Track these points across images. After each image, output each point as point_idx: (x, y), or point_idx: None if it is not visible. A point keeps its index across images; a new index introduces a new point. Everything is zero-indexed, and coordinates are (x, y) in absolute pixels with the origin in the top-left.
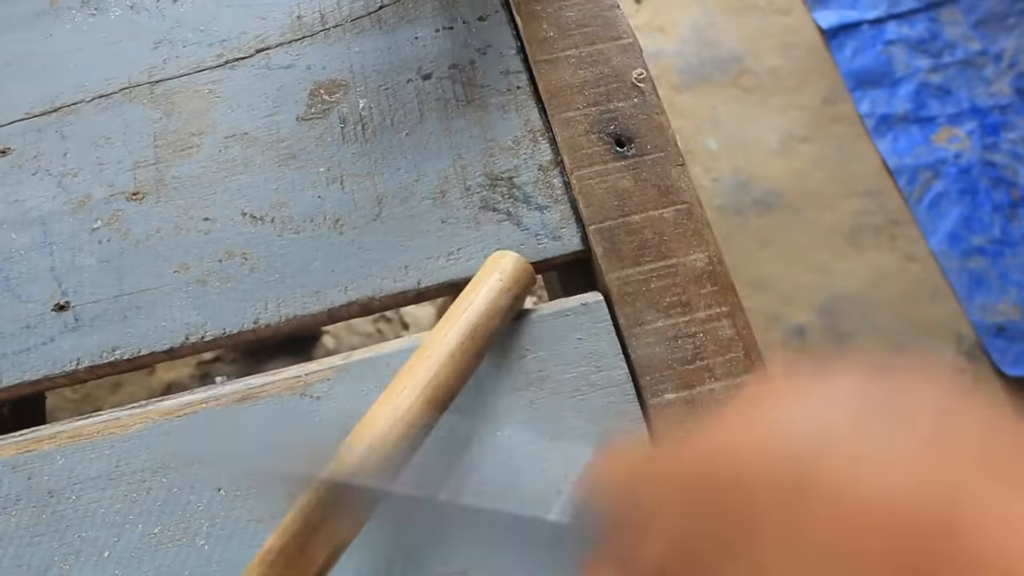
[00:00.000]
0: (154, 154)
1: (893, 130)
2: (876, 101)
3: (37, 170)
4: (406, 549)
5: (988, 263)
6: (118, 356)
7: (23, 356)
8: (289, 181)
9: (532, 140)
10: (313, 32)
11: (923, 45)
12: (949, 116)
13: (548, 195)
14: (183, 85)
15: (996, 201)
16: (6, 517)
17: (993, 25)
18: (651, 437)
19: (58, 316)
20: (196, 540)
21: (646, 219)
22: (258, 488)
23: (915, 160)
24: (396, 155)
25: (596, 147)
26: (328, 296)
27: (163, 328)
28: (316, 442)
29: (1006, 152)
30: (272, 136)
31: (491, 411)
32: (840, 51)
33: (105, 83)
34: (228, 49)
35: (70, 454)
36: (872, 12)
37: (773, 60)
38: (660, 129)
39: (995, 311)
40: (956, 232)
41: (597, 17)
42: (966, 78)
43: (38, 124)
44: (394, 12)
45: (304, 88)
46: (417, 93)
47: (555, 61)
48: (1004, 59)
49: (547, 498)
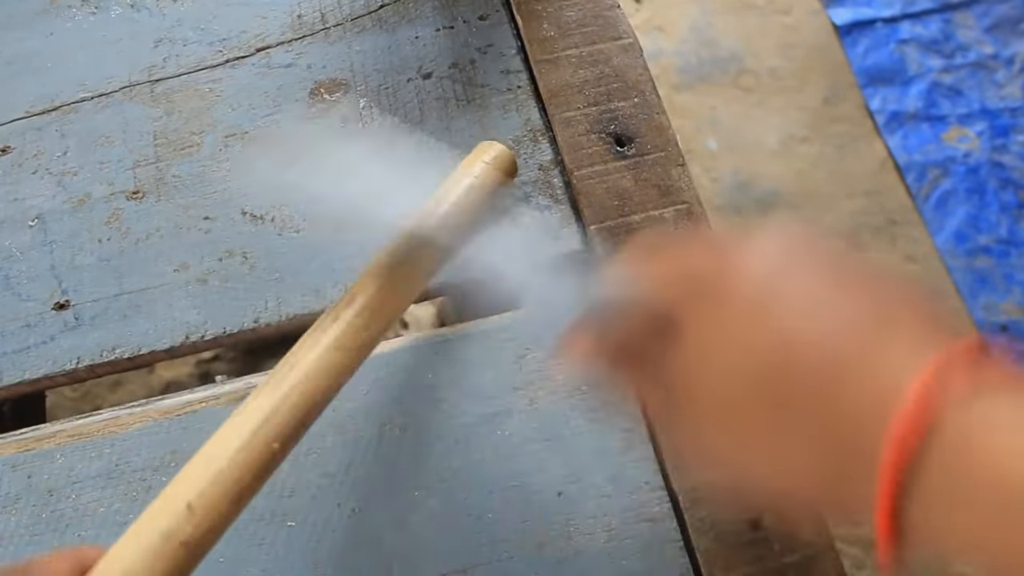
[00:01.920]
0: (154, 153)
1: (904, 127)
2: (887, 98)
3: (37, 169)
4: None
5: (993, 263)
6: (118, 355)
7: (23, 355)
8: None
9: (532, 140)
10: (314, 31)
11: (936, 45)
12: (960, 116)
13: (548, 195)
14: (183, 84)
15: (1004, 201)
16: (6, 516)
17: (1006, 30)
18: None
19: (58, 315)
20: None
21: (646, 219)
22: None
23: (924, 157)
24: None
25: (596, 147)
26: (328, 295)
27: (163, 327)
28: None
29: (1015, 154)
30: (272, 136)
31: (491, 410)
32: (853, 48)
33: (105, 82)
34: (228, 48)
35: (70, 453)
36: (887, 11)
37: (773, 60)
38: (660, 129)
39: (998, 310)
40: (962, 231)
41: (597, 17)
42: (977, 80)
43: (38, 123)
44: (395, 11)
45: (304, 87)
46: (417, 92)
47: (555, 61)
48: (1016, 63)
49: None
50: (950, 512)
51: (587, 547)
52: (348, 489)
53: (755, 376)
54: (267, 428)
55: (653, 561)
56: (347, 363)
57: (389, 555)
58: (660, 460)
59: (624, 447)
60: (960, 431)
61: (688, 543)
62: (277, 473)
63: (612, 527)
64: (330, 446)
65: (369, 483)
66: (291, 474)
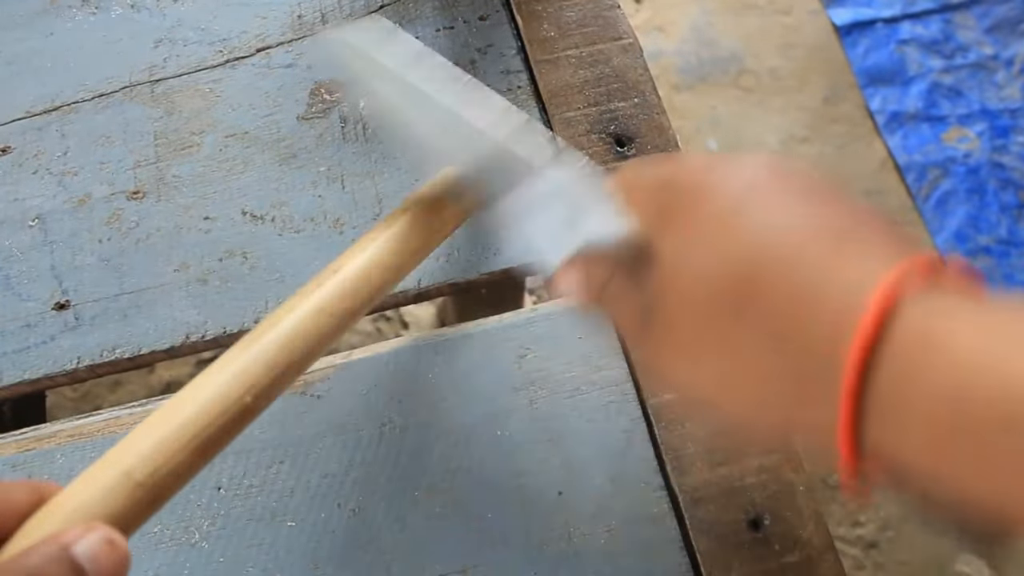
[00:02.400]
0: (154, 153)
1: (904, 127)
2: (888, 98)
3: (37, 169)
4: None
5: (993, 263)
6: (118, 355)
7: (23, 355)
8: (289, 180)
9: None
10: (314, 31)
11: (936, 46)
12: (960, 116)
13: None
14: (184, 84)
15: (1004, 202)
16: None
17: (1006, 31)
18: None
19: (58, 315)
20: (196, 539)
21: None
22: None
23: (924, 158)
24: (396, 155)
25: (596, 147)
26: None
27: (163, 327)
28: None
29: (1015, 154)
30: (273, 135)
31: (491, 410)
32: (853, 48)
33: (106, 82)
34: (229, 48)
35: (70, 453)
36: (887, 11)
37: (773, 60)
38: (660, 129)
39: None
40: (963, 231)
41: (597, 17)
42: (977, 80)
43: (38, 123)
44: (395, 12)
45: (305, 87)
46: None
47: (555, 61)
48: (1015, 64)
49: None
50: (909, 428)
51: (587, 547)
52: (348, 489)
53: (721, 285)
54: (241, 379)
55: (653, 561)
56: (328, 329)
57: (389, 555)
58: (660, 460)
59: (624, 447)
60: (919, 338)
61: (688, 543)
62: (277, 473)
63: (612, 527)
64: (330, 446)
65: (369, 483)
66: (291, 474)
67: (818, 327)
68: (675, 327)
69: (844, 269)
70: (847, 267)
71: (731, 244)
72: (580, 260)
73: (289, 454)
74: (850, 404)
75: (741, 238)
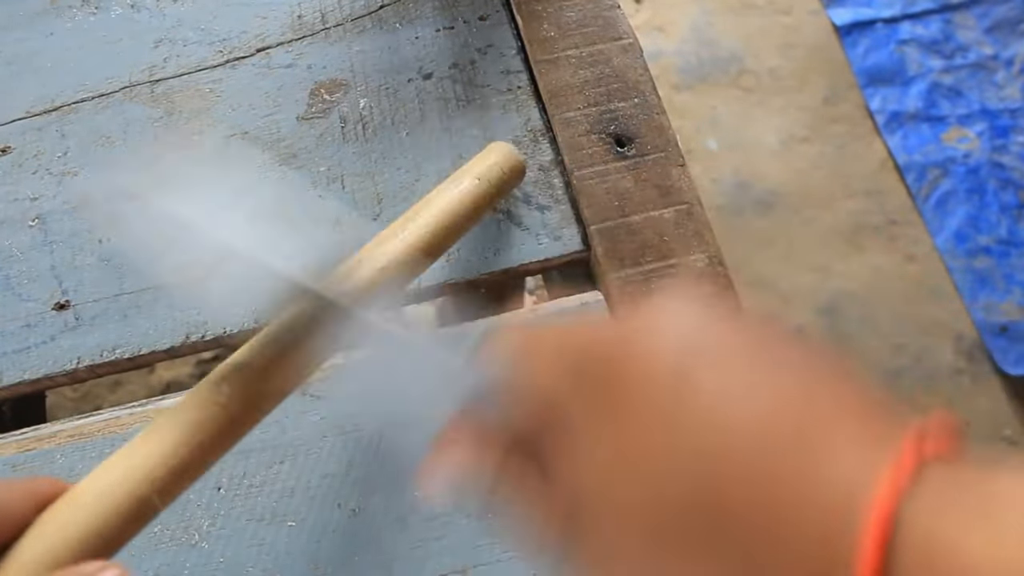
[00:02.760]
0: (154, 153)
1: (903, 127)
2: (887, 98)
3: (37, 169)
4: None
5: (993, 263)
6: (118, 355)
7: (23, 355)
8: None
9: (532, 140)
10: (314, 31)
11: (936, 46)
12: (959, 117)
13: (548, 195)
14: (184, 84)
15: (1004, 202)
16: None
17: (1005, 31)
18: None
19: (58, 315)
20: (196, 539)
21: (646, 219)
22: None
23: (924, 158)
24: (396, 155)
25: (596, 147)
26: None
27: (163, 327)
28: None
29: (1015, 155)
30: (273, 135)
31: None
32: (853, 48)
33: (106, 82)
34: (229, 48)
35: (70, 453)
36: (887, 11)
37: (773, 60)
38: (660, 129)
39: (998, 311)
40: (963, 231)
41: (597, 17)
42: (977, 80)
43: (38, 123)
44: (395, 12)
45: (305, 87)
46: (418, 93)
47: (555, 61)
48: (1015, 64)
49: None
50: None
51: None
52: (348, 489)
53: (679, 500)
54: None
55: None
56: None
57: (389, 555)
58: None
59: None
60: (925, 559)
61: None
62: (277, 473)
63: None
64: (330, 446)
65: (369, 483)
66: (291, 474)
67: (804, 545)
68: (610, 552)
69: (822, 466)
70: (825, 464)
71: (678, 444)
72: (463, 429)
73: (289, 454)
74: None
75: (688, 433)
